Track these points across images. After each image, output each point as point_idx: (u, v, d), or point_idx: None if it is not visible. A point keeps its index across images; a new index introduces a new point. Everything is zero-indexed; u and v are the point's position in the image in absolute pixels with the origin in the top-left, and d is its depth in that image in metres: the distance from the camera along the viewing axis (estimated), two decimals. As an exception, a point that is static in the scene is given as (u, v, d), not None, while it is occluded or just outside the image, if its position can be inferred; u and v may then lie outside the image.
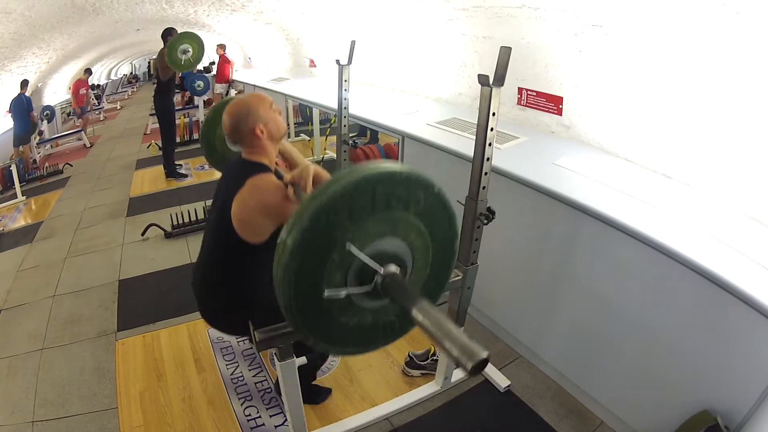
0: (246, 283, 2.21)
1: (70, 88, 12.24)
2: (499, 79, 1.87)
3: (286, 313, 1.41)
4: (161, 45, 6.41)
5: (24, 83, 8.57)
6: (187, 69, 6.73)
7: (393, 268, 1.43)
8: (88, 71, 11.59)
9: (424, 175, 1.46)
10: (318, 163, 6.54)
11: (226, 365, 3.17)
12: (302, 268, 1.34)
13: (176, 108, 8.25)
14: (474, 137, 2.10)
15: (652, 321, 2.29)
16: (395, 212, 1.43)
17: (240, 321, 2.24)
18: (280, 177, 2.16)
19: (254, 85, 8.36)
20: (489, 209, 2.20)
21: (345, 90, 3.29)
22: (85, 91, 11.30)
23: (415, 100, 5.08)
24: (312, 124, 7.22)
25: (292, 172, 2.06)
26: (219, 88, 10.53)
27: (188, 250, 4.80)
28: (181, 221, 5.25)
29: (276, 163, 2.35)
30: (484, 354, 1.13)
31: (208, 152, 3.15)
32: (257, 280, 2.12)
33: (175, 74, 6.70)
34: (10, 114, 8.68)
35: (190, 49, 6.31)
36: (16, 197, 7.39)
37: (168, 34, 6.36)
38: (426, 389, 2.91)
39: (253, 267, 2.17)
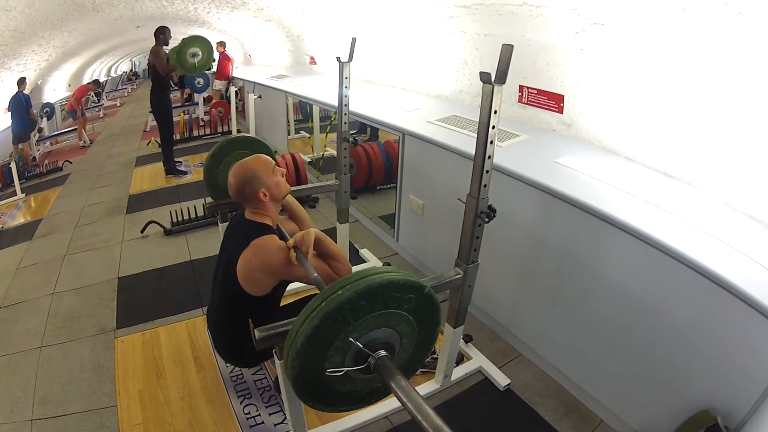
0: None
1: (70, 85, 12.23)
2: (501, 76, 1.86)
3: (293, 385, 1.68)
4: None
5: (21, 81, 8.57)
6: (194, 72, 6.76)
7: (382, 353, 1.71)
8: (96, 82, 11.58)
9: (417, 281, 1.72)
10: (318, 160, 6.55)
11: (226, 363, 3.16)
12: (310, 352, 1.60)
13: (176, 105, 8.27)
14: (474, 135, 2.09)
15: (652, 320, 2.29)
16: (390, 310, 1.69)
17: (249, 357, 2.60)
18: (282, 236, 2.43)
19: (254, 83, 8.34)
20: (490, 207, 2.20)
21: (345, 87, 3.28)
22: (85, 99, 11.26)
23: (415, 97, 5.07)
24: (312, 122, 7.20)
25: (294, 236, 2.22)
26: (219, 85, 10.53)
27: (188, 248, 4.78)
28: (180, 218, 5.24)
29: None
30: None
31: (210, 185, 3.23)
32: (262, 322, 2.18)
33: (174, 68, 6.70)
34: (8, 112, 8.68)
35: (199, 53, 6.33)
36: (16, 194, 7.42)
37: (161, 32, 6.38)
38: (426, 387, 2.91)
39: (257, 312, 2.26)
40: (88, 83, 11.41)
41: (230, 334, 2.52)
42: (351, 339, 1.64)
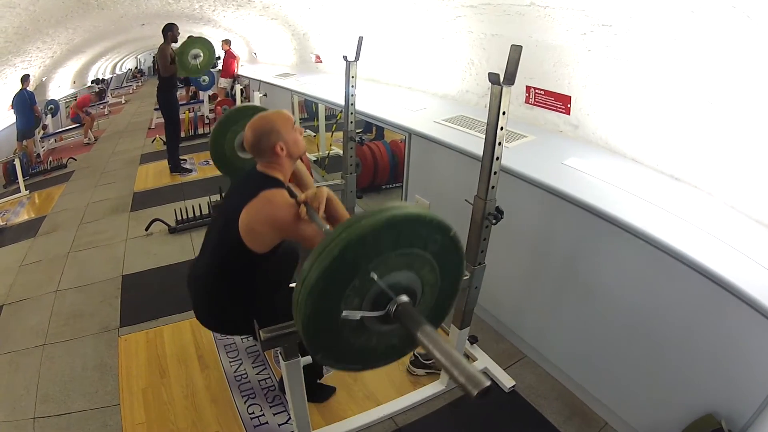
0: (241, 287, 2.27)
1: (75, 82, 12.24)
2: (510, 77, 1.85)
3: (303, 329, 1.50)
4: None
5: (25, 78, 8.58)
6: (196, 74, 6.74)
7: (405, 298, 1.55)
8: (98, 82, 11.57)
9: (444, 220, 1.58)
10: (324, 158, 6.55)
11: (230, 362, 3.16)
12: (326, 290, 1.44)
13: (181, 103, 8.27)
14: (481, 135, 2.09)
15: (657, 323, 2.28)
16: (414, 250, 1.56)
17: (230, 322, 2.42)
18: (292, 195, 2.24)
19: (260, 81, 8.33)
20: (498, 209, 2.19)
21: (352, 86, 3.27)
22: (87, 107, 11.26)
23: (421, 97, 5.06)
24: (317, 120, 7.20)
25: (306, 192, 2.15)
26: (224, 82, 10.53)
27: (192, 246, 4.78)
28: (185, 216, 5.25)
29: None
30: (487, 382, 1.22)
31: (216, 154, 3.16)
32: (251, 285, 2.16)
33: (176, 68, 6.69)
34: (12, 110, 8.69)
35: (201, 55, 6.32)
36: (20, 191, 7.40)
37: (168, 29, 6.37)
38: (431, 388, 2.90)
39: (250, 273, 2.24)
40: (90, 90, 11.31)
41: (215, 291, 2.35)
42: (373, 275, 1.49)
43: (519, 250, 3.04)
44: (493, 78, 1.88)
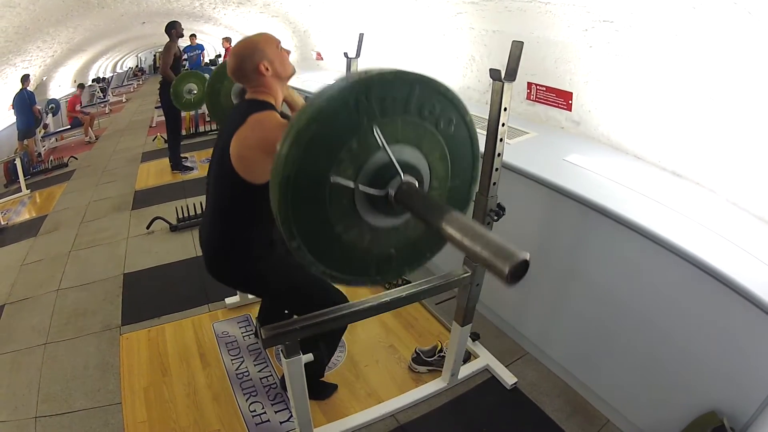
0: (241, 227, 2.19)
1: (76, 81, 12.26)
2: (511, 73, 1.85)
3: (281, 188, 1.26)
4: (167, 38, 6.41)
5: (25, 78, 8.59)
6: (190, 109, 6.73)
7: (411, 179, 1.37)
8: (81, 86, 11.53)
9: (460, 99, 1.44)
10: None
11: (231, 360, 3.16)
12: (316, 139, 1.24)
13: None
14: (482, 132, 2.08)
15: (660, 320, 2.28)
16: (425, 124, 1.40)
17: (241, 270, 2.31)
18: (285, 117, 2.09)
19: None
20: (499, 205, 2.18)
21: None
22: (79, 106, 11.21)
23: (422, 94, 5.03)
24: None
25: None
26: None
27: (194, 244, 4.78)
28: (186, 214, 5.25)
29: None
30: (523, 255, 1.11)
31: (211, 105, 3.11)
32: (251, 225, 2.11)
33: (180, 68, 6.68)
34: (13, 110, 8.71)
35: (195, 89, 6.32)
36: (21, 191, 7.41)
37: (171, 27, 6.37)
38: (432, 386, 2.90)
39: (249, 210, 2.13)
40: (75, 93, 11.23)
41: (217, 232, 2.27)
42: (375, 129, 1.29)
43: (521, 246, 3.02)
44: (494, 74, 1.87)
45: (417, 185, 1.37)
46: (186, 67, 9.17)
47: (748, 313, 1.88)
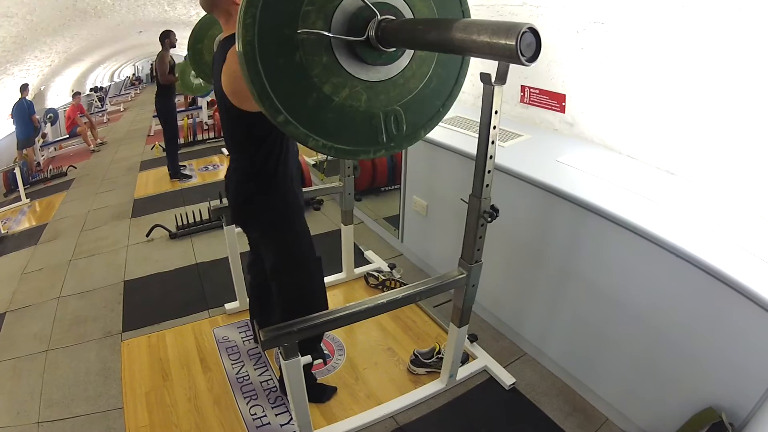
0: (266, 157, 2.17)
1: (74, 90, 12.26)
2: (501, 77, 1.87)
3: (246, 56, 1.15)
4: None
5: (23, 87, 8.62)
6: (199, 93, 6.75)
7: (389, 16, 1.24)
8: (77, 94, 11.54)
9: None
10: (322, 162, 6.54)
11: (232, 364, 3.18)
12: None
13: (180, 109, 8.29)
14: (477, 135, 2.10)
15: (656, 318, 2.29)
16: None
17: (265, 209, 2.30)
18: None
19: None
20: (493, 207, 2.20)
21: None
22: (80, 114, 11.21)
23: (417, 98, 5.04)
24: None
25: None
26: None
27: (193, 251, 4.80)
28: (185, 222, 5.25)
29: None
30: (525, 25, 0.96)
31: (195, 62, 3.09)
32: (275, 154, 2.11)
33: (176, 78, 6.71)
34: (12, 119, 8.73)
35: None
36: (21, 200, 7.43)
37: (165, 36, 6.40)
38: (431, 387, 2.91)
39: (275, 148, 2.14)
40: (73, 102, 11.17)
41: (243, 174, 2.28)
42: None
43: (517, 248, 3.06)
44: (484, 78, 1.89)
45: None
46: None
47: (745, 308, 1.90)
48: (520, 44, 0.93)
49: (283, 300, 2.55)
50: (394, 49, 1.31)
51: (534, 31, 0.96)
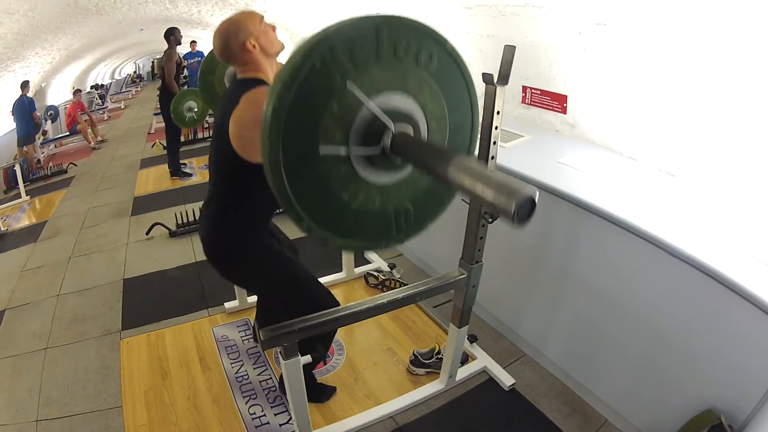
0: (249, 210, 2.18)
1: (74, 87, 12.25)
2: (504, 77, 1.87)
3: (273, 171, 1.21)
4: (165, 45, 6.43)
5: (24, 84, 8.61)
6: (192, 125, 6.74)
7: (405, 127, 1.30)
8: (77, 91, 11.51)
9: (436, 29, 1.39)
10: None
11: (231, 364, 3.17)
12: (294, 113, 1.19)
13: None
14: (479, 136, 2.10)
15: (656, 319, 2.29)
16: (404, 63, 1.33)
17: (237, 253, 2.26)
18: None
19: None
20: (494, 207, 2.20)
21: (349, 88, 3.27)
22: (81, 112, 11.17)
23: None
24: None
25: None
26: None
27: (193, 249, 4.80)
28: (185, 220, 5.26)
29: None
30: (530, 190, 1.01)
31: (205, 93, 3.10)
32: (260, 205, 2.10)
33: (180, 76, 6.69)
34: (12, 116, 8.71)
35: (195, 107, 6.32)
36: (21, 197, 7.41)
37: (170, 33, 6.38)
38: (430, 387, 2.91)
39: (257, 191, 2.09)
40: (73, 100, 11.13)
41: (221, 214, 2.23)
42: (350, 85, 1.22)
43: (517, 249, 3.05)
44: (486, 78, 1.89)
45: (412, 131, 1.32)
46: (185, 75, 9.18)
47: (744, 310, 1.89)
48: (517, 210, 0.99)
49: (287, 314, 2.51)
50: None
51: (533, 201, 1.00)
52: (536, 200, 1.00)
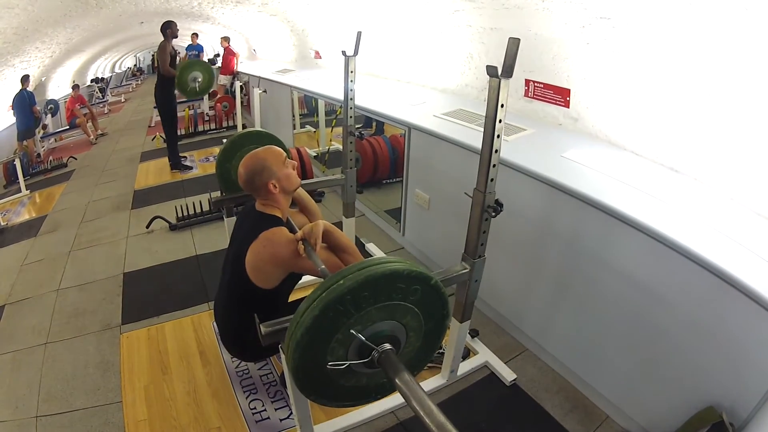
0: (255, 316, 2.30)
1: (74, 81, 12.24)
2: (508, 70, 1.85)
3: (294, 377, 1.67)
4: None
5: (24, 78, 8.60)
6: (195, 96, 6.78)
7: (387, 346, 1.69)
8: (76, 86, 11.48)
9: (423, 272, 1.69)
10: (324, 154, 6.55)
11: (231, 358, 3.16)
12: (310, 344, 1.59)
13: (181, 100, 8.27)
14: (481, 129, 2.08)
15: (659, 315, 2.28)
16: (394, 301, 1.67)
17: (254, 352, 2.62)
18: (291, 229, 2.42)
19: (259, 77, 8.31)
20: (497, 202, 2.18)
21: (351, 81, 3.26)
22: (79, 106, 11.12)
23: (421, 91, 5.06)
24: (317, 116, 7.20)
25: (303, 228, 2.23)
26: (223, 79, 10.51)
27: (193, 243, 4.79)
28: (186, 213, 5.25)
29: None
30: None
31: (222, 179, 3.21)
32: (269, 316, 2.16)
33: (175, 65, 6.69)
34: (12, 110, 8.70)
35: (200, 77, 6.34)
36: (21, 191, 7.41)
37: (167, 27, 6.38)
38: (432, 382, 2.91)
39: (265, 305, 2.33)
40: (72, 94, 11.08)
41: (236, 328, 2.51)
42: (353, 332, 1.62)
43: (520, 243, 3.04)
44: (491, 71, 1.87)
45: (391, 349, 1.70)
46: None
47: (746, 307, 1.88)
48: None
49: None
50: None
51: None
52: None
